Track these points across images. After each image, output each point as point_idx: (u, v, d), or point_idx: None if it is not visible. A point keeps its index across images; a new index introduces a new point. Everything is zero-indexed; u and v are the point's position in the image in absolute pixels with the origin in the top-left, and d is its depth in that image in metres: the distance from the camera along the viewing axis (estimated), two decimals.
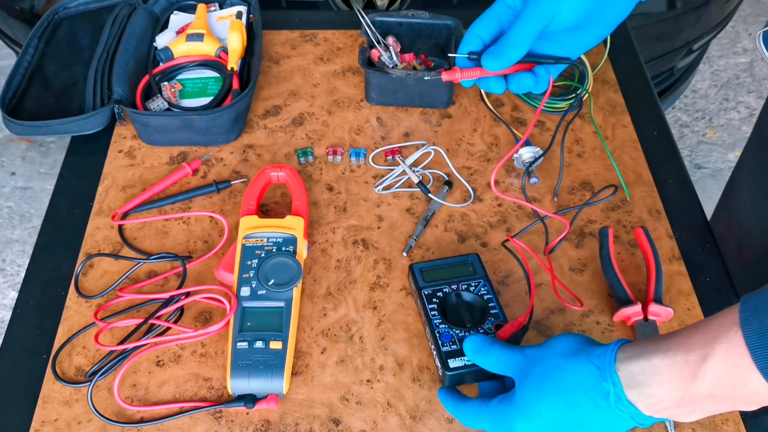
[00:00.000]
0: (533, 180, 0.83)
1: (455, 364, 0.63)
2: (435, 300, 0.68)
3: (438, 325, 0.66)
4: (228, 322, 0.68)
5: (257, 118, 0.91)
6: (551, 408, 0.54)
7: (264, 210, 0.82)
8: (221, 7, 1.01)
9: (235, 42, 0.92)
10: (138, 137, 0.88)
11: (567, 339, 0.56)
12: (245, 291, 0.69)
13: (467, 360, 0.62)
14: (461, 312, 0.67)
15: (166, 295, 0.72)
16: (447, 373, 0.63)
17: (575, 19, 0.63)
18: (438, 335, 0.65)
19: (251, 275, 0.70)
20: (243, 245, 0.72)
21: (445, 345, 0.64)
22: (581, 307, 0.71)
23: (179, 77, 0.93)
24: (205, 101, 0.90)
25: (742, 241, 0.94)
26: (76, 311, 0.72)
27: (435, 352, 0.65)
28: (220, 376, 0.68)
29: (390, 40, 0.91)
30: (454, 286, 0.69)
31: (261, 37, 0.95)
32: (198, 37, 0.94)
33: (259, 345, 0.66)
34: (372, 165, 0.86)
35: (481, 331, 0.65)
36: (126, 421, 0.65)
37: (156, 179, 0.84)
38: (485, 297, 0.68)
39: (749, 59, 2.37)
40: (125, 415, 0.65)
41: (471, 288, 0.69)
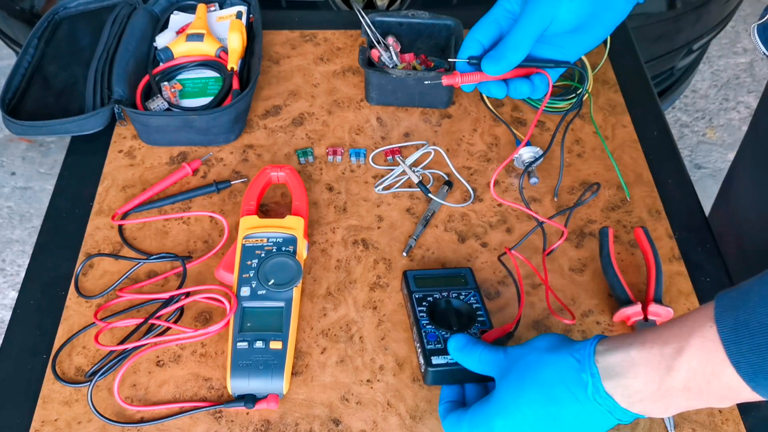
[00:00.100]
0: (533, 180, 0.83)
1: (438, 361, 0.64)
2: (425, 303, 0.69)
3: (425, 326, 0.67)
4: (228, 322, 0.68)
5: (257, 118, 0.91)
6: (531, 403, 0.54)
7: (264, 210, 0.82)
8: (221, 7, 1.01)
9: (235, 42, 0.92)
10: (138, 137, 0.88)
11: (548, 336, 0.58)
12: (245, 291, 0.69)
13: (450, 359, 0.63)
14: (449, 316, 0.68)
15: (166, 295, 0.72)
16: (429, 369, 0.64)
17: (574, 22, 0.63)
18: (424, 334, 0.66)
19: (251, 275, 0.70)
20: (243, 245, 0.72)
21: (430, 343, 0.65)
22: (572, 321, 0.71)
23: (179, 77, 0.93)
24: (205, 101, 0.90)
25: (740, 236, 0.94)
26: (76, 311, 0.72)
27: (419, 350, 0.66)
28: (220, 376, 0.68)
29: (390, 40, 0.91)
30: (444, 293, 0.70)
31: (261, 37, 0.95)
32: (198, 37, 0.94)
33: (259, 345, 0.66)
34: (372, 165, 0.86)
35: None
36: (126, 421, 0.65)
37: (156, 179, 0.84)
38: (474, 306, 0.69)
39: (749, 59, 2.37)
40: (125, 415, 0.65)
41: (461, 297, 0.70)
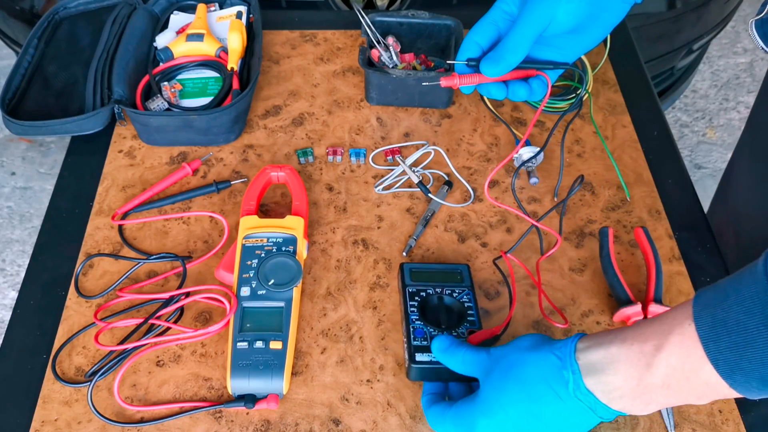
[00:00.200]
0: (533, 180, 0.83)
1: (421, 358, 0.64)
2: (417, 298, 0.69)
3: (414, 321, 0.67)
4: (228, 322, 0.68)
5: (257, 118, 0.91)
6: (513, 403, 0.55)
7: (264, 210, 0.82)
8: (221, 7, 1.01)
9: (235, 42, 0.92)
10: (138, 137, 0.88)
11: (530, 336, 0.58)
12: (245, 291, 0.69)
13: (434, 357, 0.63)
14: (439, 313, 0.68)
15: (166, 295, 0.72)
16: (412, 366, 0.64)
17: (572, 23, 0.63)
18: (412, 330, 0.66)
19: (251, 275, 0.70)
20: (243, 245, 0.72)
21: (417, 339, 0.65)
22: (566, 325, 0.71)
23: (179, 77, 0.93)
24: (205, 101, 0.90)
25: (738, 231, 0.94)
26: (76, 311, 0.72)
27: (406, 345, 0.66)
28: (220, 376, 0.68)
29: (390, 40, 0.91)
30: (438, 289, 0.70)
31: (261, 37, 0.95)
32: (198, 37, 0.94)
33: (259, 345, 0.66)
34: (372, 165, 0.86)
35: (454, 334, 0.66)
36: (126, 421, 0.65)
37: (156, 179, 0.84)
38: (466, 304, 0.69)
39: (749, 59, 2.37)
40: (125, 415, 0.65)
41: (454, 294, 0.70)
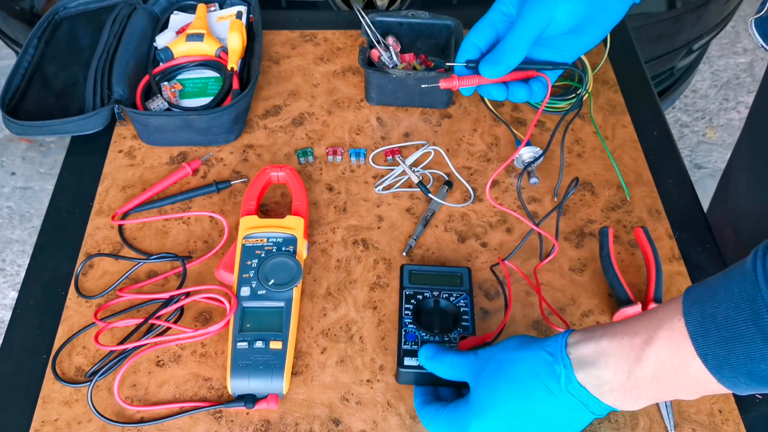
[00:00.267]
0: (533, 180, 0.83)
1: (410, 363, 0.64)
2: (413, 301, 0.69)
3: (407, 324, 0.67)
4: (228, 322, 0.68)
5: (257, 118, 0.91)
6: (506, 401, 0.55)
7: (264, 210, 0.82)
8: (221, 7, 1.01)
9: (235, 42, 0.92)
10: (138, 137, 0.88)
11: (518, 337, 0.59)
12: (245, 291, 0.69)
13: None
14: (433, 317, 0.68)
15: (166, 295, 0.72)
16: (400, 369, 0.64)
17: (571, 24, 0.63)
18: (404, 333, 0.66)
19: (251, 275, 0.70)
20: (243, 245, 0.72)
21: (407, 343, 0.65)
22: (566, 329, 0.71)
23: (179, 77, 0.93)
24: (205, 101, 0.90)
25: (738, 228, 0.94)
26: (76, 311, 0.72)
27: (397, 346, 0.66)
28: (220, 376, 0.68)
29: (390, 40, 0.91)
30: (435, 292, 0.70)
31: (261, 37, 0.95)
32: (198, 37, 0.94)
33: (259, 345, 0.66)
34: (372, 165, 0.86)
35: (447, 340, 0.66)
36: (126, 421, 0.65)
37: (156, 179, 0.84)
38: (462, 309, 0.69)
39: (749, 59, 2.37)
40: (125, 415, 0.65)
41: (451, 298, 0.69)
